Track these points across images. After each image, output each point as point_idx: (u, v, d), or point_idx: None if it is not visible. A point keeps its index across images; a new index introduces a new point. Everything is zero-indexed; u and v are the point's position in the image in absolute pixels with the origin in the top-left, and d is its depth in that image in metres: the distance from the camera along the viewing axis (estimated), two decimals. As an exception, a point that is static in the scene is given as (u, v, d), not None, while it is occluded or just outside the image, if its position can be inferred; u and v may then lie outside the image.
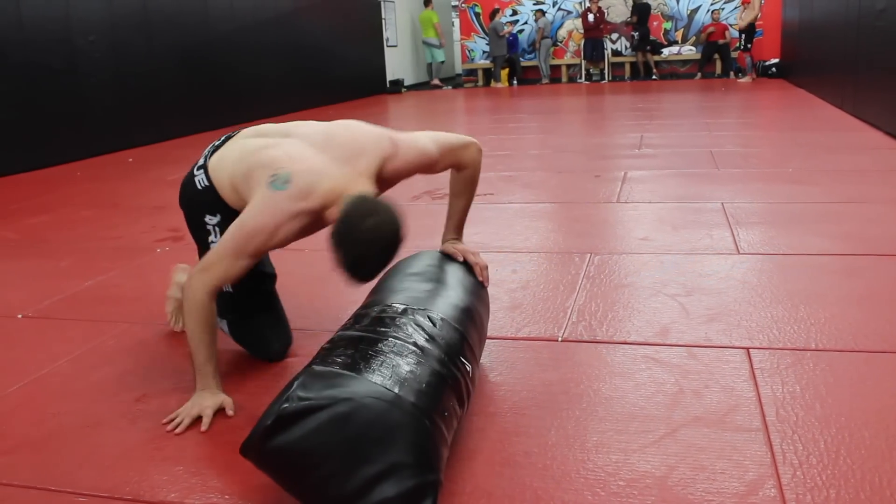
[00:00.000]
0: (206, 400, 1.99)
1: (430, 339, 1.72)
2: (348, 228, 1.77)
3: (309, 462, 1.43)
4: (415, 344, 1.67)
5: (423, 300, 1.87)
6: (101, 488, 1.70)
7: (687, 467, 1.65)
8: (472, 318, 1.93)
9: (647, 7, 15.32)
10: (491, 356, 2.30)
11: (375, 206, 1.81)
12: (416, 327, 1.74)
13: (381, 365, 1.57)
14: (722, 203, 4.17)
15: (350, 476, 1.41)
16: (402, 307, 1.82)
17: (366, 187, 1.94)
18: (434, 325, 1.77)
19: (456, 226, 2.34)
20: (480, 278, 2.16)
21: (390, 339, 1.68)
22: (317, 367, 1.57)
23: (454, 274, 2.10)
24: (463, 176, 2.27)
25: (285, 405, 1.46)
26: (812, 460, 1.66)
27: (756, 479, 1.60)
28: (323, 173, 1.93)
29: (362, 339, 1.69)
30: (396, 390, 1.51)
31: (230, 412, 1.98)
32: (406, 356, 1.62)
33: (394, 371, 1.56)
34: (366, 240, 1.76)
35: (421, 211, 4.43)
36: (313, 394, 1.47)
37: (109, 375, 2.31)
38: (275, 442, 1.45)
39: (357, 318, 1.83)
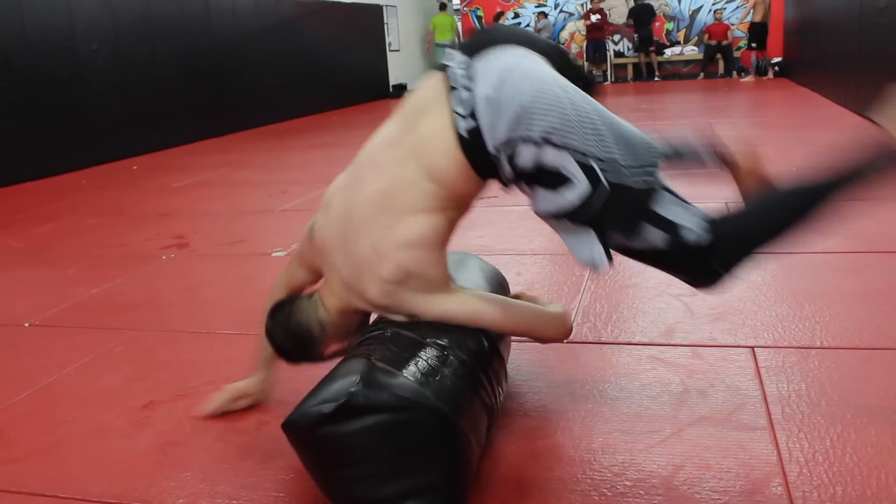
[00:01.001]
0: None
1: (481, 364, 1.66)
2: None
3: (351, 458, 1.42)
4: (471, 369, 1.61)
5: None
6: (109, 495, 1.71)
7: (693, 466, 1.66)
8: (507, 344, 1.93)
9: (647, 8, 15.29)
10: (496, 358, 2.31)
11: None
12: (469, 346, 1.65)
13: (439, 381, 1.51)
14: (726, 202, 4.15)
15: (387, 483, 1.41)
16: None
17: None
18: (485, 346, 1.70)
19: None
20: None
21: (448, 355, 1.59)
22: (379, 363, 1.50)
23: (495, 287, 2.05)
24: None
25: (350, 397, 1.41)
26: (818, 458, 1.66)
27: (762, 477, 1.60)
28: None
29: (420, 344, 1.60)
30: (453, 414, 1.47)
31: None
32: (461, 378, 1.56)
33: (452, 392, 1.51)
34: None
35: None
36: (377, 392, 1.42)
37: (116, 383, 2.32)
38: (326, 429, 1.41)
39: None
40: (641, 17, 15.18)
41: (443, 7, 16.32)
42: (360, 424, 1.41)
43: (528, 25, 16.21)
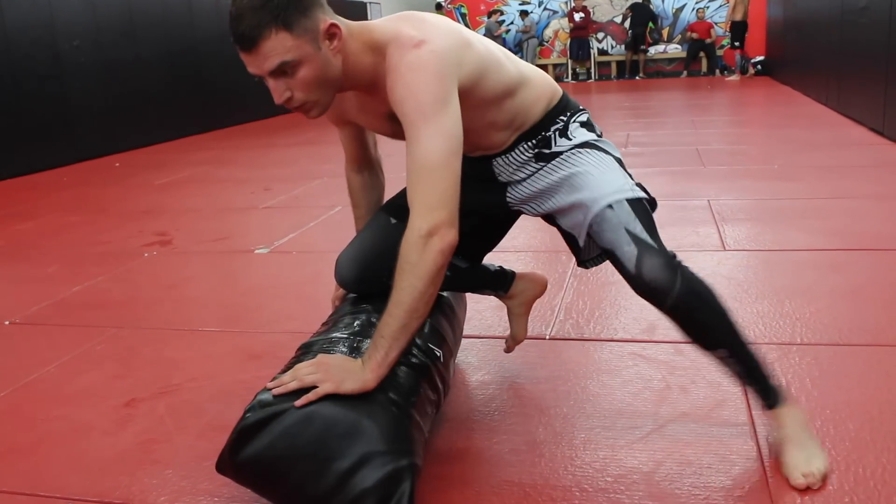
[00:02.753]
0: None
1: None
2: None
3: (280, 468, 1.45)
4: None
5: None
6: (90, 493, 1.70)
7: (674, 462, 1.67)
8: (439, 307, 1.94)
9: (646, 9, 15.33)
10: (479, 355, 2.31)
11: None
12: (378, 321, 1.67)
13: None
14: (708, 200, 4.19)
15: (323, 474, 1.42)
16: (364, 306, 1.83)
17: None
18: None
19: (371, 341, 1.53)
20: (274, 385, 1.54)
21: (351, 336, 1.68)
22: (282, 375, 1.57)
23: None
24: (403, 245, 1.49)
25: (247, 416, 1.47)
26: (797, 453, 1.67)
27: (742, 472, 1.61)
28: None
29: (326, 340, 1.69)
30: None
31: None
32: (365, 350, 1.60)
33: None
34: None
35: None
36: (274, 400, 1.48)
37: (98, 380, 2.31)
38: (243, 454, 1.46)
39: (329, 322, 1.84)
40: (640, 15, 15.23)
41: (438, 7, 16.26)
42: (269, 436, 1.44)
43: (511, 23, 16.25)
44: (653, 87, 13.27)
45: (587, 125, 1.88)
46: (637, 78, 15.34)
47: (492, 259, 2.18)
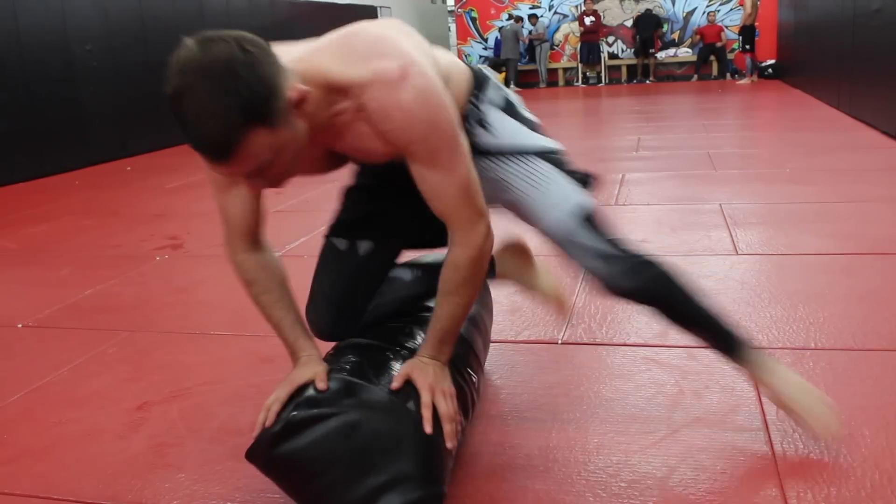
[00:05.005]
0: (283, 386, 1.54)
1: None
2: (168, 67, 1.27)
3: (315, 469, 1.43)
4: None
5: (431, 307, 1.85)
6: (103, 496, 1.70)
7: (688, 468, 1.66)
8: (477, 326, 1.93)
9: (650, 16, 15.32)
10: (491, 360, 2.31)
11: (202, 36, 1.33)
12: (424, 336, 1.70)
13: (390, 374, 1.56)
14: (720, 204, 4.17)
15: (355, 485, 1.41)
16: (409, 315, 1.82)
17: None
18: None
19: (437, 340, 1.59)
20: (445, 437, 1.51)
21: (398, 348, 1.67)
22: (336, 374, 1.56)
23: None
24: (447, 262, 1.55)
25: (294, 412, 1.45)
26: (813, 458, 1.66)
27: (757, 478, 1.60)
28: None
29: (370, 346, 1.68)
30: (405, 401, 1.50)
31: (321, 384, 1.52)
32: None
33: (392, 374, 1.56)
34: (178, 81, 1.23)
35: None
36: (322, 400, 1.47)
37: (110, 384, 2.32)
38: (282, 448, 1.45)
39: (364, 325, 1.82)
40: (646, 22, 15.24)
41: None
42: (313, 435, 1.44)
43: (522, 27, 16.22)
44: (663, 90, 13.24)
45: (499, 103, 1.75)
46: (647, 82, 15.30)
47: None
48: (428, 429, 1.46)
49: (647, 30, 15.22)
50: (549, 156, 1.74)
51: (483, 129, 1.70)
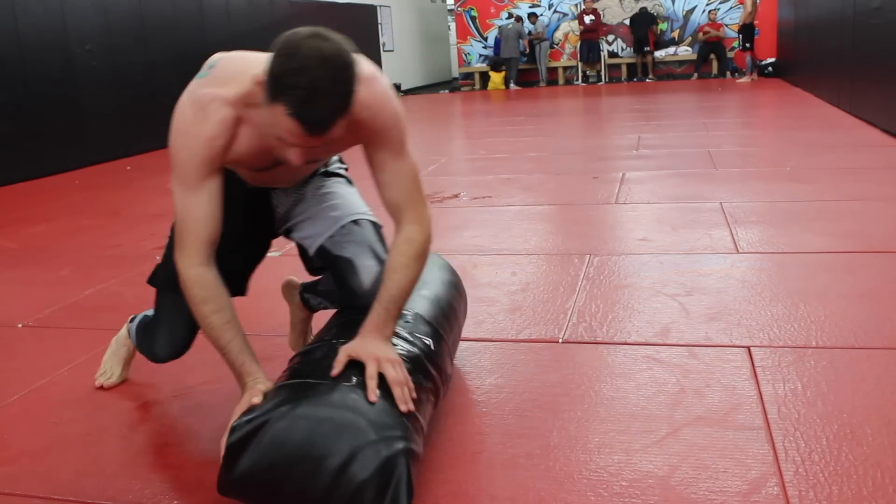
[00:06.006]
0: (235, 412, 1.60)
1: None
2: (290, 47, 1.42)
3: (277, 476, 1.45)
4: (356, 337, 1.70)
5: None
6: (103, 496, 1.70)
7: (689, 467, 1.65)
8: (428, 298, 1.96)
9: (644, 14, 15.31)
10: (492, 358, 2.30)
11: (318, 30, 1.47)
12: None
13: (322, 362, 1.62)
14: (720, 203, 4.17)
15: (318, 474, 1.43)
16: (354, 313, 1.86)
17: None
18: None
19: (377, 317, 1.67)
20: (397, 402, 1.55)
21: (333, 340, 1.72)
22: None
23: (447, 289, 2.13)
24: (394, 244, 1.71)
25: (230, 437, 1.49)
26: (814, 457, 1.66)
27: (759, 477, 1.60)
28: (255, 61, 1.59)
29: (313, 349, 1.75)
30: (346, 380, 1.55)
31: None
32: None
33: (332, 363, 1.61)
34: (312, 59, 1.39)
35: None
36: (253, 415, 1.51)
37: (111, 383, 2.31)
38: (238, 471, 1.47)
39: (326, 328, 1.89)
40: (640, 20, 15.25)
41: None
42: (257, 449, 1.46)
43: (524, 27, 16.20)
44: (663, 89, 13.24)
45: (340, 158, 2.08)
46: (647, 80, 15.30)
47: (502, 262, 2.17)
48: (372, 397, 1.51)
49: (642, 28, 15.23)
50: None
51: (341, 161, 2.07)
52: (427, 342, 1.79)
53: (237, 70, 1.61)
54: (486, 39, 16.74)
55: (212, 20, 9.86)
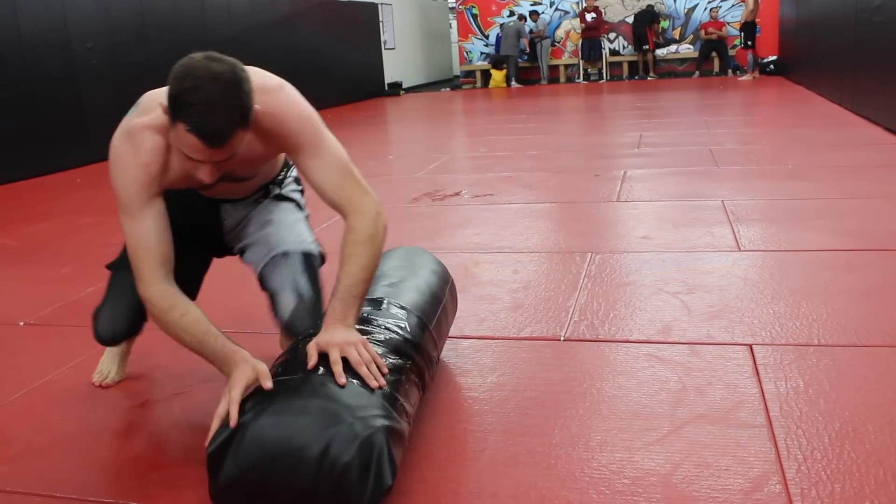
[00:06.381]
0: (233, 388, 1.59)
1: None
2: (184, 69, 1.53)
3: (261, 475, 1.46)
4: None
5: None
6: (104, 494, 1.70)
7: (691, 464, 1.65)
8: (401, 285, 1.99)
9: (645, 13, 15.30)
10: (493, 356, 2.30)
11: (211, 54, 1.56)
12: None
13: (294, 360, 1.65)
14: (722, 200, 4.17)
15: (300, 464, 1.43)
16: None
17: None
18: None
19: (338, 304, 1.71)
20: (366, 374, 1.60)
21: (309, 338, 1.73)
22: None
23: (398, 257, 2.19)
24: (344, 236, 1.77)
25: (209, 446, 1.51)
26: (816, 455, 1.65)
27: (761, 475, 1.60)
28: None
29: (292, 347, 1.77)
30: (299, 373, 1.58)
31: (267, 384, 1.57)
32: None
33: (301, 355, 1.64)
34: (204, 77, 1.50)
35: (420, 213, 4.43)
36: (222, 432, 1.52)
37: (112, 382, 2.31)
38: (223, 477, 1.48)
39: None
40: (641, 18, 15.25)
41: None
42: (238, 451, 1.47)
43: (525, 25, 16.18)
44: (665, 87, 13.22)
45: (297, 180, 2.16)
46: (648, 78, 15.29)
47: (503, 260, 2.17)
48: (341, 381, 1.55)
49: (641, 26, 15.23)
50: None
51: (278, 186, 2.13)
52: (402, 325, 1.82)
53: (160, 101, 1.65)
54: (487, 37, 16.73)
55: (213, 18, 9.86)
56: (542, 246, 3.52)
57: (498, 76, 15.94)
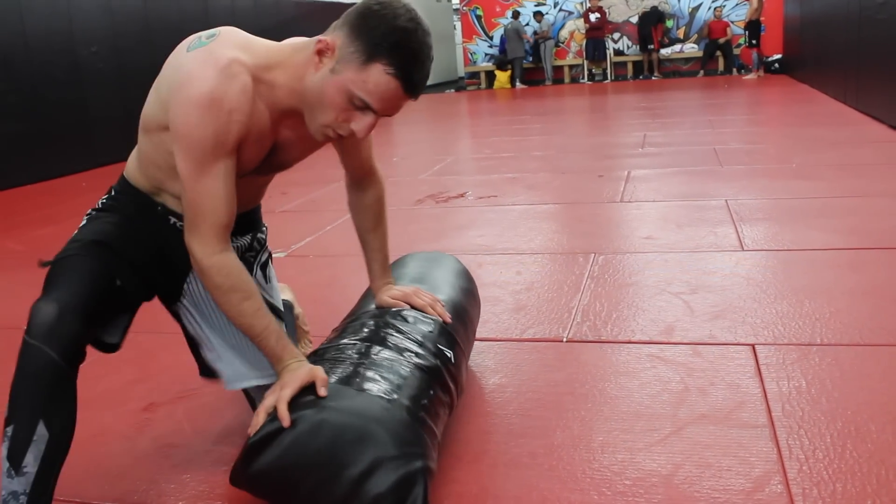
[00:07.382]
0: (285, 387, 1.52)
1: (401, 333, 1.75)
2: (388, 8, 1.42)
3: (293, 478, 1.46)
4: (383, 342, 1.70)
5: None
6: (109, 497, 1.71)
7: (693, 465, 1.65)
8: (451, 308, 1.95)
9: (651, 13, 15.30)
10: (496, 358, 2.31)
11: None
12: (385, 327, 1.76)
13: (347, 369, 1.61)
14: (726, 200, 4.16)
15: (336, 481, 1.42)
16: (372, 311, 1.86)
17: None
18: (406, 320, 1.80)
19: (382, 268, 1.93)
20: (435, 315, 1.84)
21: (359, 341, 1.71)
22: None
23: (436, 271, 2.13)
24: (367, 205, 1.88)
25: (254, 435, 1.49)
26: (818, 455, 1.65)
27: (762, 475, 1.60)
28: (259, 39, 1.63)
29: (330, 347, 1.72)
30: (365, 388, 1.54)
31: (322, 391, 1.51)
32: (375, 355, 1.66)
33: (361, 372, 1.60)
34: (413, 22, 1.42)
35: (424, 214, 4.44)
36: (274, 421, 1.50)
37: (117, 385, 2.32)
38: (255, 466, 1.47)
39: (338, 328, 1.88)
40: (646, 17, 15.25)
41: None
42: (279, 448, 1.46)
43: (526, 24, 16.19)
44: (669, 86, 13.21)
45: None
46: (653, 78, 15.27)
47: (507, 261, 2.17)
48: (447, 318, 1.85)
49: (646, 25, 15.22)
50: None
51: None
52: (448, 354, 1.78)
53: (248, 39, 1.60)
54: (491, 39, 16.73)
55: (217, 22, 9.85)
56: (546, 247, 3.52)
57: (502, 77, 15.94)
